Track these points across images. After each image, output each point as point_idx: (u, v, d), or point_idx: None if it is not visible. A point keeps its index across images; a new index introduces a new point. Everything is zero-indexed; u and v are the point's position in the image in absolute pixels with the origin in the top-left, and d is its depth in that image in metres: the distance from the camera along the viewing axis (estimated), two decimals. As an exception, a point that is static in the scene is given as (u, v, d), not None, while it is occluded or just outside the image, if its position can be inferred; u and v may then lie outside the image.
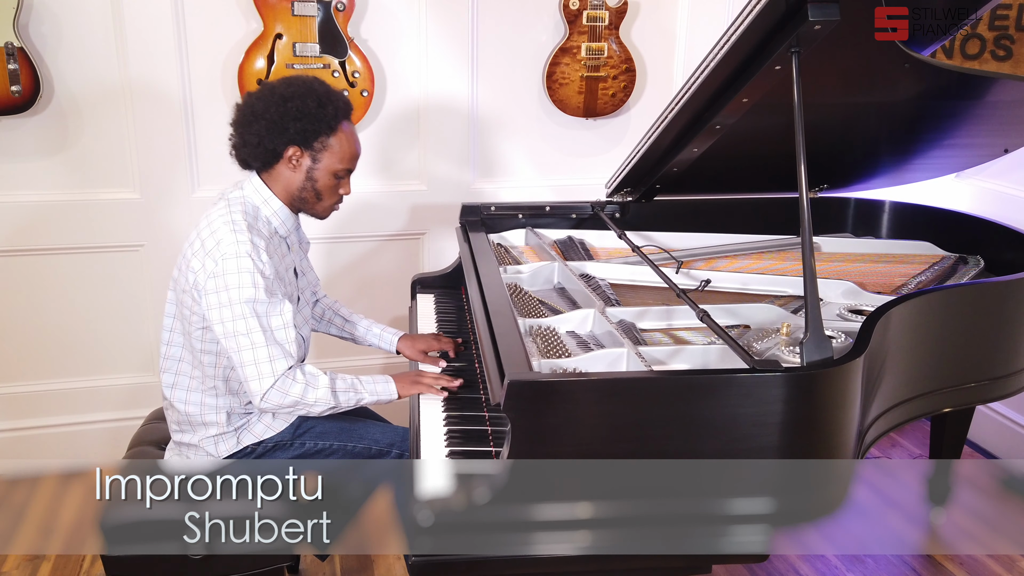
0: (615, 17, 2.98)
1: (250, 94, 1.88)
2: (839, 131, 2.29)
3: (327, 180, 1.88)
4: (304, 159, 1.85)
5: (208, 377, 1.88)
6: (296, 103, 1.80)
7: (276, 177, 1.87)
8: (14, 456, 2.92)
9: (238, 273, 1.75)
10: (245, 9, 2.75)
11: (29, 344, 2.88)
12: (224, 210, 1.83)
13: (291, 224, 1.93)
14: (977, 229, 2.55)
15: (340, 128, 1.85)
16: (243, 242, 1.77)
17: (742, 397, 1.46)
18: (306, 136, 1.82)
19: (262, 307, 1.77)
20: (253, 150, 1.84)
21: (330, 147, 1.85)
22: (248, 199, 1.87)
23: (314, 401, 1.81)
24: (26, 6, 2.57)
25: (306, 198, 1.89)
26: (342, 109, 1.86)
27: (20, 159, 2.72)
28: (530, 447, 1.43)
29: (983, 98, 2.10)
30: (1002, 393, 2.20)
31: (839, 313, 2.08)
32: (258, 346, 1.76)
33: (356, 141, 1.91)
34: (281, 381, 1.78)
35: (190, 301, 1.82)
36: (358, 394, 1.87)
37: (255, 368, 1.76)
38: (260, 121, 1.81)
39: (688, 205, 2.69)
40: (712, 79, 1.89)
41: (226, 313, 1.76)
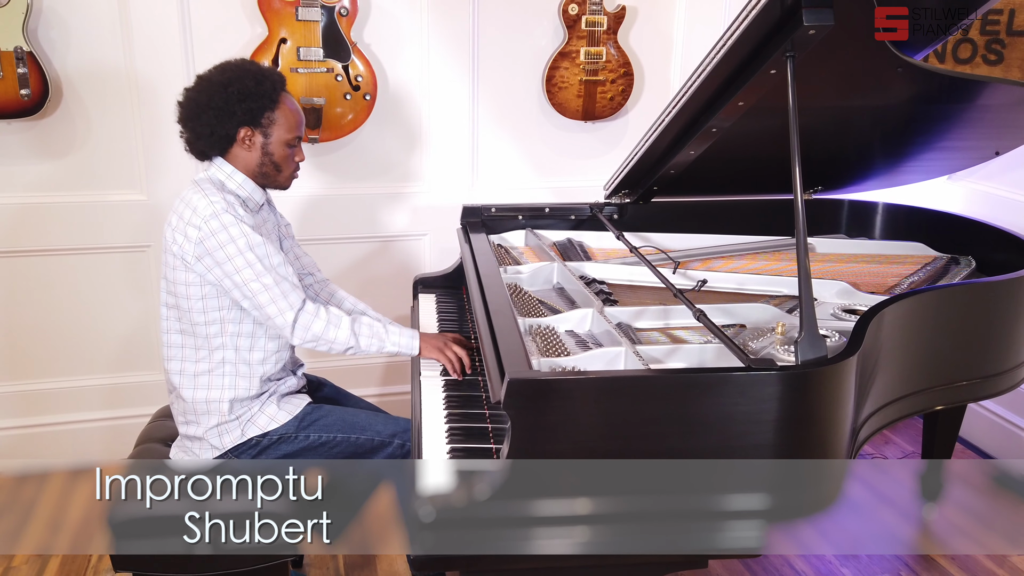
0: (613, 22, 2.98)
1: (188, 89, 1.91)
2: (833, 134, 2.29)
3: (282, 151, 1.92)
4: (256, 137, 1.89)
5: (215, 349, 1.90)
6: (236, 86, 1.84)
7: (235, 159, 1.92)
8: (23, 453, 2.93)
9: (224, 229, 1.81)
10: (250, 14, 2.76)
11: (38, 342, 2.88)
12: (194, 187, 1.89)
13: (259, 196, 1.97)
14: (969, 230, 2.55)
15: (282, 100, 1.90)
16: (216, 202, 1.83)
17: (738, 395, 1.46)
18: (253, 114, 1.86)
19: (260, 250, 1.83)
20: (207, 140, 1.89)
21: (277, 120, 1.89)
22: (213, 176, 1.92)
23: (334, 339, 1.88)
24: (35, 11, 2.57)
25: (267, 172, 1.94)
26: (279, 82, 1.91)
27: (29, 161, 2.73)
28: (530, 444, 1.43)
29: (974, 102, 2.11)
30: (993, 391, 2.20)
31: (833, 313, 2.08)
32: (269, 286, 1.83)
33: (297, 109, 1.95)
34: (303, 315, 1.86)
35: (182, 276, 1.85)
36: (381, 341, 1.93)
37: (275, 306, 1.83)
38: (207, 111, 1.86)
39: (685, 206, 2.70)
40: (708, 83, 1.89)
41: (229, 267, 1.81)
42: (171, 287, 1.89)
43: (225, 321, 1.89)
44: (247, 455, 1.93)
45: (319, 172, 2.97)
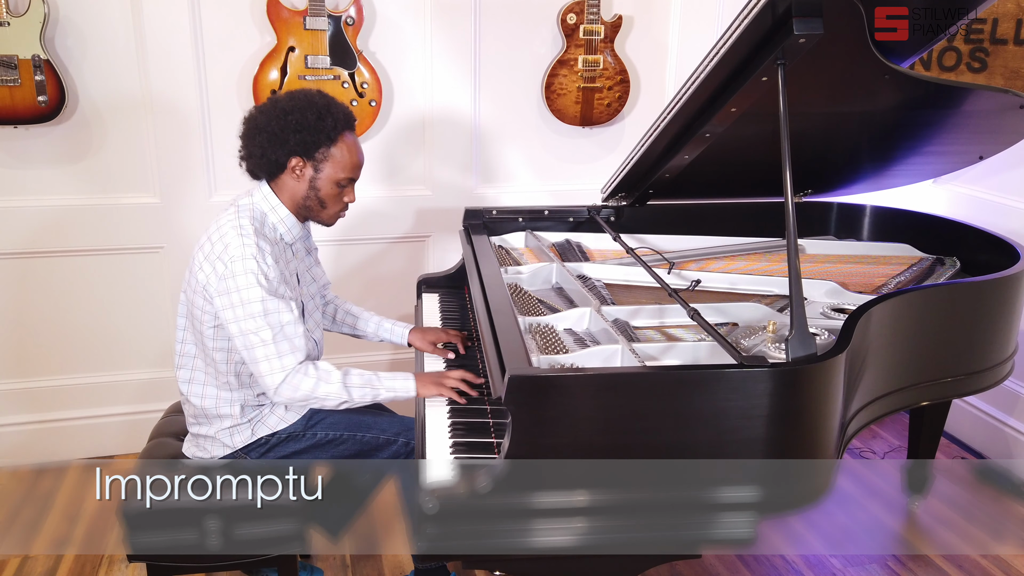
0: (610, 31, 2.98)
1: (255, 108, 1.88)
2: (823, 139, 2.29)
3: (330, 189, 1.87)
4: (307, 169, 1.84)
5: (221, 373, 1.88)
6: (296, 116, 1.80)
7: (282, 187, 1.87)
8: (41, 446, 2.93)
9: (245, 274, 1.76)
10: (259, 23, 2.76)
11: (55, 340, 2.88)
12: (233, 215, 1.83)
13: (297, 232, 1.93)
14: (953, 232, 2.55)
15: (341, 139, 1.84)
16: (248, 245, 1.77)
17: (730, 391, 1.46)
18: (307, 147, 1.82)
19: (271, 304, 1.77)
20: (258, 161, 1.85)
21: (331, 157, 1.84)
22: (257, 206, 1.87)
23: (325, 395, 1.81)
24: (52, 20, 2.57)
25: (311, 206, 1.89)
26: (342, 120, 1.85)
27: (47, 165, 2.73)
28: (530, 438, 1.43)
29: (959, 108, 2.11)
30: (977, 387, 2.20)
31: (823, 312, 2.08)
32: (267, 343, 1.77)
33: (358, 151, 1.89)
34: (292, 376, 1.79)
35: (201, 301, 1.82)
36: (374, 390, 1.86)
37: (267, 364, 1.78)
38: (262, 134, 1.82)
39: (680, 209, 2.70)
40: (702, 90, 1.89)
41: (238, 312, 1.76)
42: (191, 306, 1.86)
43: (232, 350, 1.85)
44: (256, 452, 1.92)
45: (326, 176, 2.97)
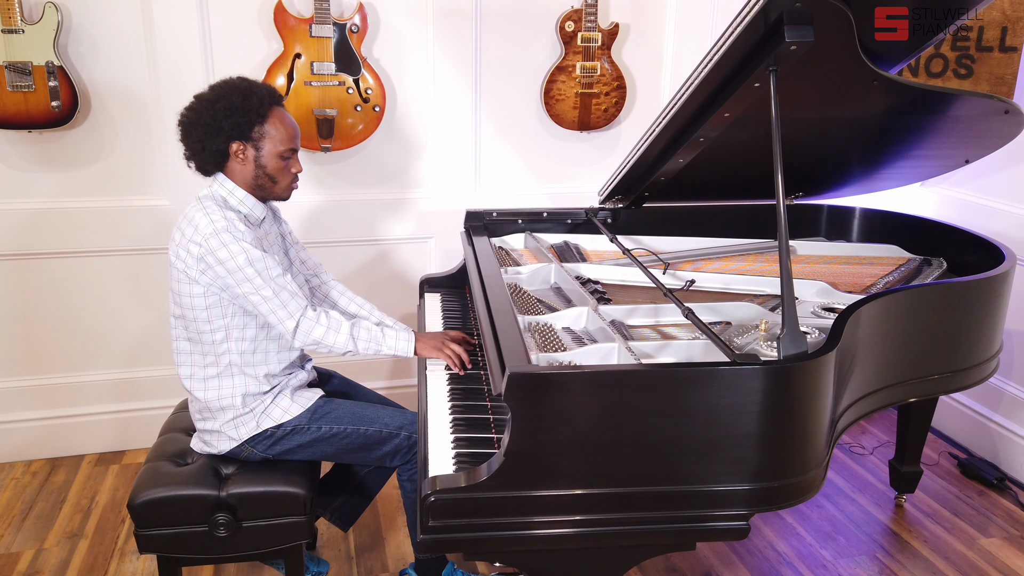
0: (607, 38, 2.98)
1: (184, 108, 1.88)
2: (813, 143, 2.29)
3: (275, 163, 1.88)
4: (248, 150, 1.86)
5: (222, 355, 1.89)
6: (223, 103, 1.81)
7: (233, 173, 1.89)
8: (55, 442, 2.93)
9: (223, 246, 1.79)
10: (267, 31, 2.76)
11: (69, 339, 2.88)
12: (196, 205, 1.86)
13: (260, 212, 1.93)
14: (940, 233, 2.55)
15: (271, 114, 1.85)
16: (217, 220, 1.80)
17: (724, 388, 1.46)
18: (241, 129, 1.83)
19: (259, 264, 1.81)
20: (202, 155, 1.86)
21: (267, 134, 1.85)
22: (216, 193, 1.89)
23: (333, 343, 1.89)
24: (65, 28, 2.57)
25: (263, 184, 1.90)
26: (267, 97, 1.86)
27: (59, 168, 2.73)
28: (529, 433, 1.43)
29: (946, 113, 2.11)
30: (963, 384, 2.20)
31: (813, 311, 2.08)
32: (269, 298, 1.82)
33: (290, 122, 1.89)
34: (304, 321, 1.86)
35: (186, 288, 1.84)
36: (379, 344, 1.93)
37: (275, 316, 1.84)
38: (197, 128, 1.83)
39: (675, 211, 2.70)
40: (696, 95, 1.89)
41: (230, 281, 1.80)
42: (177, 299, 1.87)
43: (230, 328, 1.87)
44: (262, 445, 1.92)
45: (331, 179, 2.97)
